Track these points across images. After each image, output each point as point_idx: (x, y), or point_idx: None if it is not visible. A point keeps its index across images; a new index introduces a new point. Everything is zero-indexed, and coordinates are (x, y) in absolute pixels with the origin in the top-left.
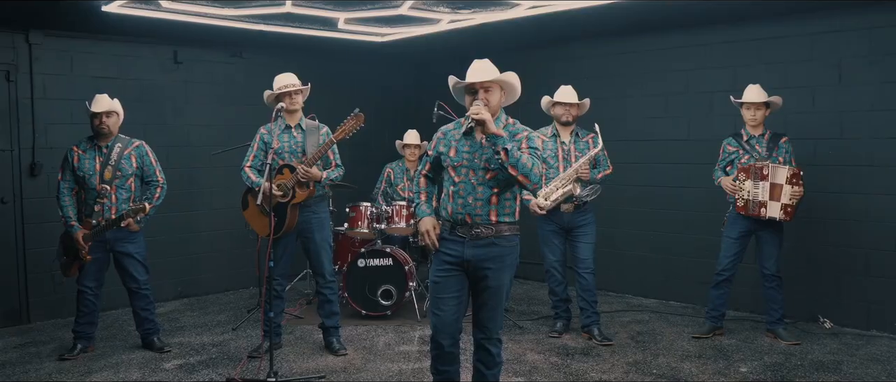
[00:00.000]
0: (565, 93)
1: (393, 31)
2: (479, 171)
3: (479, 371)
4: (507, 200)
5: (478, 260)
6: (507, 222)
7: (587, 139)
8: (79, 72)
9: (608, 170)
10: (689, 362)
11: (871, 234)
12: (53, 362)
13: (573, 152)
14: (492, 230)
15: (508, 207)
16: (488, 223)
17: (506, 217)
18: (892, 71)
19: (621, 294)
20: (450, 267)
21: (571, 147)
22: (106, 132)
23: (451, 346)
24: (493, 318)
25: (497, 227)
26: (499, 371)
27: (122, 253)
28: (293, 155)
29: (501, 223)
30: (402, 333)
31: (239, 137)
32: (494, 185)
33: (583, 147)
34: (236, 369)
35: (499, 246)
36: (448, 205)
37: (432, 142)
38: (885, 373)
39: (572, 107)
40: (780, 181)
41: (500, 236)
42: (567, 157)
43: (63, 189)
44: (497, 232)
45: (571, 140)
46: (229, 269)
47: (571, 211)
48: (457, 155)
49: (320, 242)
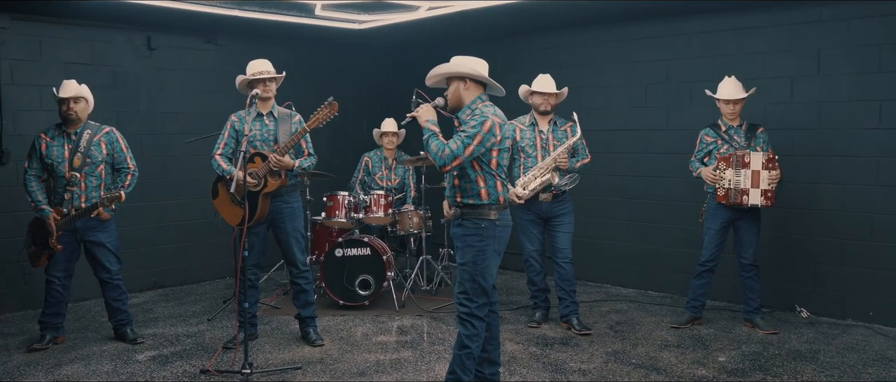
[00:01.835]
0: (543, 82)
1: (371, 18)
2: None
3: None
4: (467, 183)
5: (454, 237)
6: (470, 204)
7: (565, 128)
8: (49, 58)
9: (586, 159)
10: (667, 351)
11: (847, 224)
12: (22, 354)
13: (551, 141)
14: (459, 211)
15: (470, 189)
16: (455, 203)
17: (470, 198)
18: (869, 62)
19: (600, 283)
20: None
21: (550, 136)
22: (74, 118)
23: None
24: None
25: (463, 209)
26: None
27: (93, 242)
28: (265, 143)
29: (466, 204)
30: (380, 323)
31: (214, 125)
32: (454, 171)
33: (561, 136)
34: (210, 360)
35: (463, 226)
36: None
37: None
38: (861, 362)
39: (550, 96)
40: (757, 167)
41: (465, 217)
42: (545, 146)
43: (30, 176)
44: (463, 214)
45: (550, 129)
46: (204, 259)
47: (550, 200)
48: None
49: (292, 232)
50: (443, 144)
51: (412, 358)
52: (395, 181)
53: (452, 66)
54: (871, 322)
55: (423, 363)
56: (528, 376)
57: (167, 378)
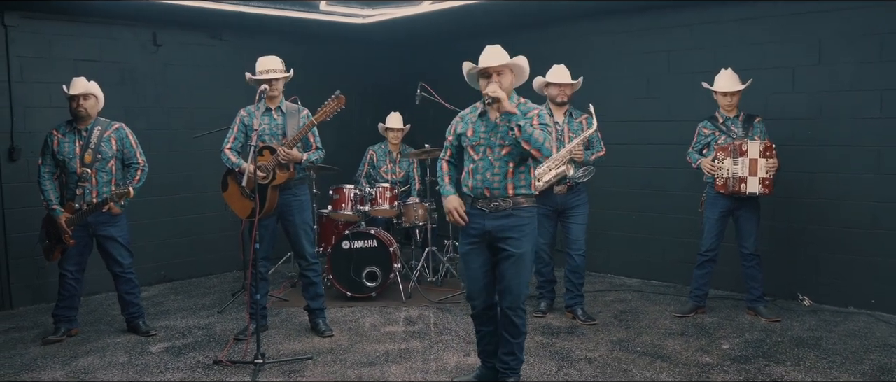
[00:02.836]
0: (559, 73)
1: (375, 12)
2: (495, 148)
3: (504, 337)
4: (521, 173)
5: (498, 231)
6: (523, 194)
7: (581, 120)
8: (58, 55)
9: (601, 151)
10: (671, 339)
11: (848, 213)
12: (38, 346)
13: (567, 132)
14: (509, 202)
15: (523, 180)
16: (506, 196)
17: (522, 189)
18: (869, 51)
19: (604, 274)
20: (474, 238)
21: (565, 127)
22: (84, 115)
23: (484, 308)
24: (513, 288)
25: (514, 199)
26: (523, 340)
27: (104, 236)
28: (274, 137)
29: (518, 195)
30: (387, 314)
31: (220, 120)
32: (509, 160)
33: (576, 128)
34: (223, 351)
35: (516, 216)
36: (469, 181)
37: (451, 128)
38: (862, 348)
39: (566, 87)
40: (755, 155)
41: (517, 207)
42: (560, 138)
43: (44, 173)
44: (514, 204)
45: (565, 120)
46: (211, 253)
47: (565, 192)
48: (474, 134)
49: (300, 224)
50: (544, 135)
51: (420, 348)
52: (399, 174)
53: (519, 59)
54: (873, 310)
55: (431, 352)
56: (534, 364)
57: (181, 369)
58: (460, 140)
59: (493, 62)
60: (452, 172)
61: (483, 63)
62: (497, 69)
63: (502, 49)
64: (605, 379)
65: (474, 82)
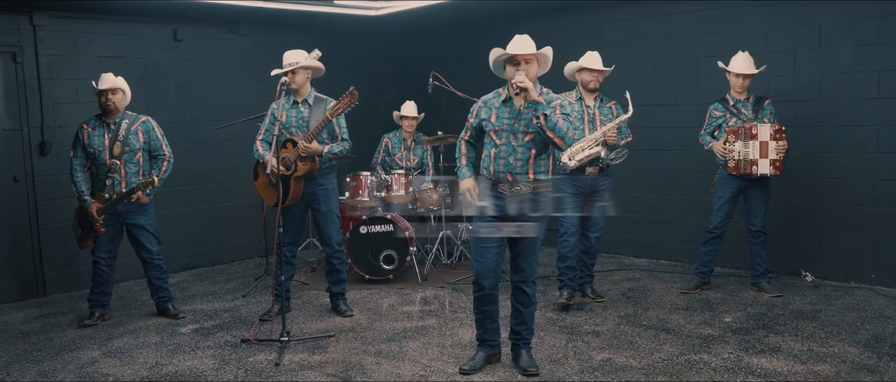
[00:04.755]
0: (593, 59)
1: (388, 4)
2: (518, 134)
3: (516, 309)
4: (542, 159)
5: (517, 213)
6: (542, 179)
7: (610, 105)
8: (83, 53)
9: (630, 137)
10: (676, 314)
11: (850, 191)
12: (75, 329)
13: (598, 117)
14: (530, 186)
15: (543, 165)
16: (527, 180)
17: (542, 174)
18: (868, 34)
19: (613, 254)
20: (492, 220)
21: (596, 112)
22: (112, 109)
23: (491, 288)
24: (530, 263)
25: (534, 184)
26: (534, 310)
27: (133, 225)
28: (300, 129)
29: (538, 180)
30: (404, 295)
31: (240, 112)
32: (532, 147)
33: (607, 112)
34: (249, 331)
35: (536, 200)
36: (490, 165)
37: (473, 111)
38: (859, 319)
39: (599, 73)
40: (766, 138)
41: (537, 191)
42: (592, 121)
43: (75, 165)
44: (534, 188)
45: (596, 105)
46: (233, 241)
47: (596, 174)
48: (498, 120)
49: (326, 213)
50: (567, 124)
51: (436, 326)
52: (414, 161)
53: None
54: (873, 284)
55: (447, 329)
56: (545, 338)
57: (211, 347)
58: (482, 124)
59: (523, 50)
60: (470, 153)
61: (513, 50)
62: (526, 58)
63: (530, 38)
64: (611, 350)
65: (499, 70)
